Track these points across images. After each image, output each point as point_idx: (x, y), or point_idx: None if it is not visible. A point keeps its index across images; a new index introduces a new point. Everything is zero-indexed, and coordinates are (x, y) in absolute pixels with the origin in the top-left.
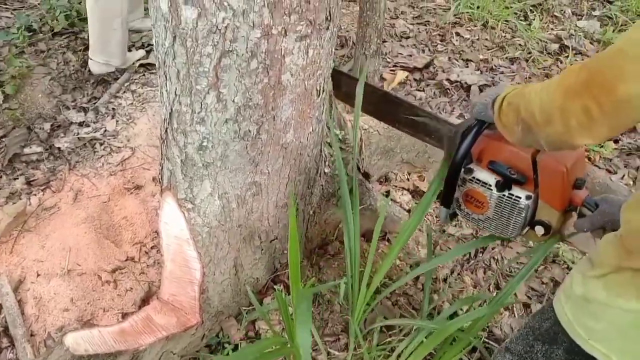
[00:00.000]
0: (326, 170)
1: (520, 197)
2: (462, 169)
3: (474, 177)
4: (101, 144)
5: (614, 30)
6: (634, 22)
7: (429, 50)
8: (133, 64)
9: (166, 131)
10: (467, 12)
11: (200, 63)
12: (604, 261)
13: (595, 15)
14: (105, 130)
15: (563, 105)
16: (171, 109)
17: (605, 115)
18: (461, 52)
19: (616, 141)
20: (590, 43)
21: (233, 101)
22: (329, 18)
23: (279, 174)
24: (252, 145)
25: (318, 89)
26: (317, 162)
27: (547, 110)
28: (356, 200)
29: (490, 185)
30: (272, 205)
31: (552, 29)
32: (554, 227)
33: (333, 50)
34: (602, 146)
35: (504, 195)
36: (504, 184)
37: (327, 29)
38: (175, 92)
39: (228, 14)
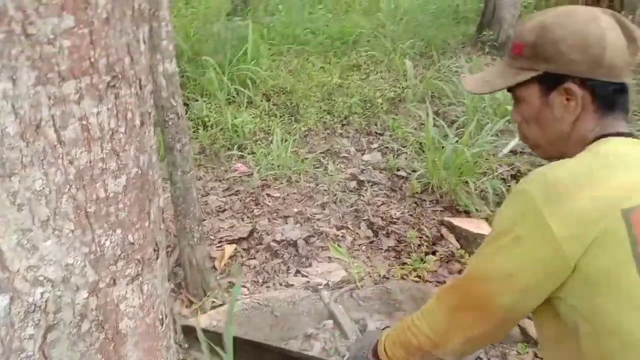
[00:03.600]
0: None
1: None
2: None
3: None
4: None
5: (394, 157)
6: (404, 147)
7: (248, 217)
8: None
9: None
10: (270, 173)
11: (22, 349)
12: None
13: (375, 148)
14: None
15: (452, 322)
16: None
17: (490, 325)
18: (277, 211)
19: (434, 252)
20: (380, 172)
21: None
22: (156, 248)
23: None
24: None
25: (160, 317)
26: None
27: (440, 331)
28: None
29: None
30: None
31: (344, 169)
32: None
33: (167, 272)
34: (423, 261)
35: None
36: None
37: (157, 257)
38: None
39: (46, 287)
